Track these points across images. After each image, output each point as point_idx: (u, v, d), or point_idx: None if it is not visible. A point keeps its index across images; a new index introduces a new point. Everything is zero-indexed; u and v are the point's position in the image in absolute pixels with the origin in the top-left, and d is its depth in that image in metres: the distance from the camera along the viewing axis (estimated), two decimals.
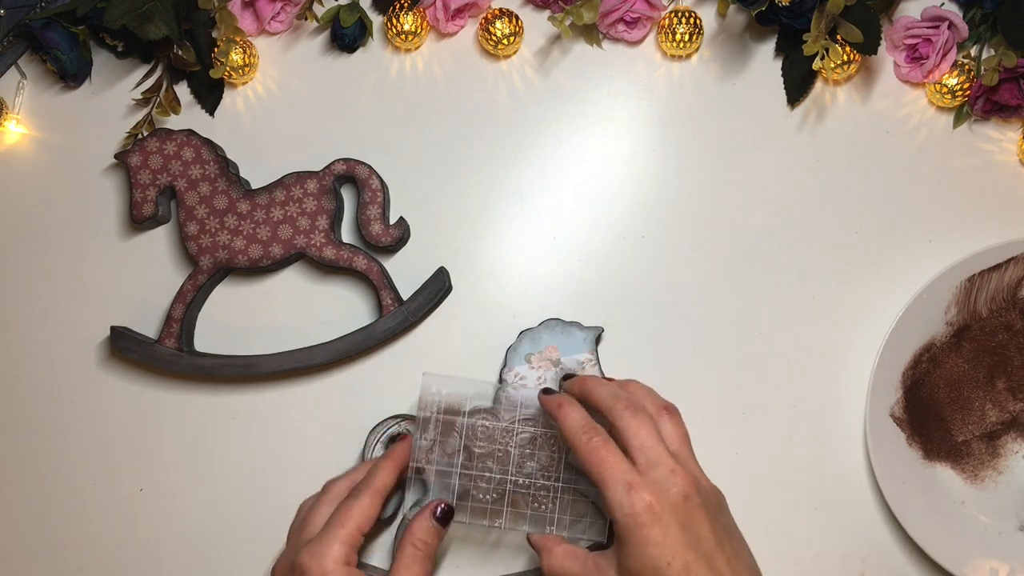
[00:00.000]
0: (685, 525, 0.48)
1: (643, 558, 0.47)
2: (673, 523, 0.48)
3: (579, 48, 0.64)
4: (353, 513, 0.52)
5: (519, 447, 0.57)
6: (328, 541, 0.51)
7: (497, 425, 0.57)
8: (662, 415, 0.53)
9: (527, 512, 0.57)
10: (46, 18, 0.63)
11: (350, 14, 0.63)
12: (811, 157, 0.63)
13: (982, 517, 0.61)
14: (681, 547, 0.47)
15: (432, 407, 0.57)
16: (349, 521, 0.52)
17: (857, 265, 0.62)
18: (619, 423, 0.51)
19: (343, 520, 0.52)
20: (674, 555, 0.47)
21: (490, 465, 0.57)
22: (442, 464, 0.57)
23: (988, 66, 0.59)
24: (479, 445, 0.57)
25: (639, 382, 0.55)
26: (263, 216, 0.62)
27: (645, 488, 0.48)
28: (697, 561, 0.47)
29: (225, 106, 0.65)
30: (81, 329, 0.64)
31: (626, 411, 0.51)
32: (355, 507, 0.53)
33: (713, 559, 0.48)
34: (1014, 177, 0.62)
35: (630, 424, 0.51)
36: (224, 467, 0.63)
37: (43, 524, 0.64)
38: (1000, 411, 0.61)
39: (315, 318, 0.63)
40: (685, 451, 0.52)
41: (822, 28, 0.58)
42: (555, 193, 0.64)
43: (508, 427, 0.57)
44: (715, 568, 0.48)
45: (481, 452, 0.57)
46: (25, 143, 0.66)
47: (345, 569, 0.51)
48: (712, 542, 0.48)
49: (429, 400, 0.57)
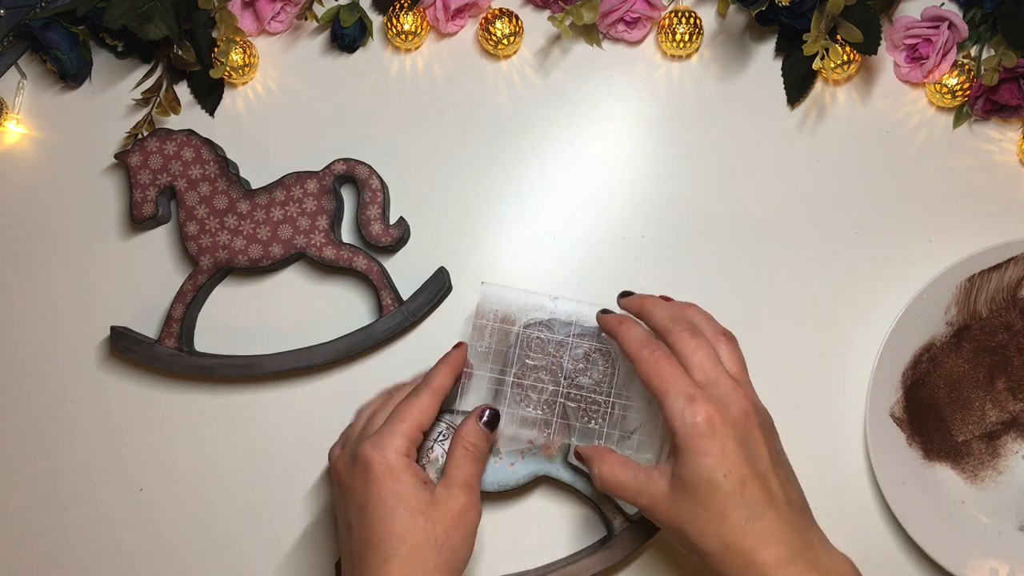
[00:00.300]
0: (743, 441, 0.49)
1: (699, 468, 0.48)
2: (731, 437, 0.48)
3: (579, 48, 0.64)
4: (413, 410, 0.54)
5: (573, 361, 0.58)
6: (390, 434, 0.52)
7: (552, 338, 0.58)
8: (720, 340, 0.53)
9: (576, 425, 0.58)
10: (46, 18, 0.63)
11: (350, 14, 0.63)
12: (811, 157, 0.63)
13: (982, 517, 0.61)
14: (739, 461, 0.48)
15: (489, 315, 0.58)
16: (409, 417, 0.53)
17: (857, 265, 0.62)
18: (678, 344, 0.52)
19: (403, 415, 0.53)
20: (731, 468, 0.48)
21: (543, 377, 0.58)
22: (495, 372, 0.58)
23: (988, 66, 0.59)
24: (533, 357, 0.58)
25: (697, 306, 0.56)
26: (263, 216, 0.62)
27: (706, 401, 0.49)
28: (753, 478, 0.48)
29: (225, 106, 0.65)
30: (81, 329, 0.64)
31: (685, 332, 0.52)
32: (415, 405, 0.54)
33: (767, 479, 0.48)
34: (1014, 177, 0.62)
35: (689, 344, 0.51)
36: (224, 467, 0.63)
37: (43, 524, 0.64)
38: (1000, 411, 0.61)
39: (315, 318, 0.64)
40: (743, 374, 0.53)
41: (822, 28, 0.58)
42: (555, 193, 0.64)
43: (563, 340, 0.58)
44: (769, 488, 0.48)
45: (534, 364, 0.58)
46: (25, 143, 0.66)
47: (405, 460, 0.52)
48: (767, 462, 0.49)
49: (487, 309, 0.58)
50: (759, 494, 0.48)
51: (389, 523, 0.50)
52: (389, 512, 0.50)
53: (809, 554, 0.48)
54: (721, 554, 0.48)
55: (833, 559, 0.48)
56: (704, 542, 0.48)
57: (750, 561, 0.47)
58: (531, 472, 0.59)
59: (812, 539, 0.49)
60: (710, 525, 0.48)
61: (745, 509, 0.47)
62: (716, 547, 0.48)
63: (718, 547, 0.48)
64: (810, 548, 0.48)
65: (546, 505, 0.62)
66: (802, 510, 0.50)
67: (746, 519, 0.47)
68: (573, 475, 0.59)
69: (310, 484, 0.63)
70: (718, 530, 0.48)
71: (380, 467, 0.51)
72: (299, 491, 0.63)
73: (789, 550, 0.47)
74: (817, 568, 0.47)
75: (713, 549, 0.48)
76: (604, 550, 0.59)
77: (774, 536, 0.47)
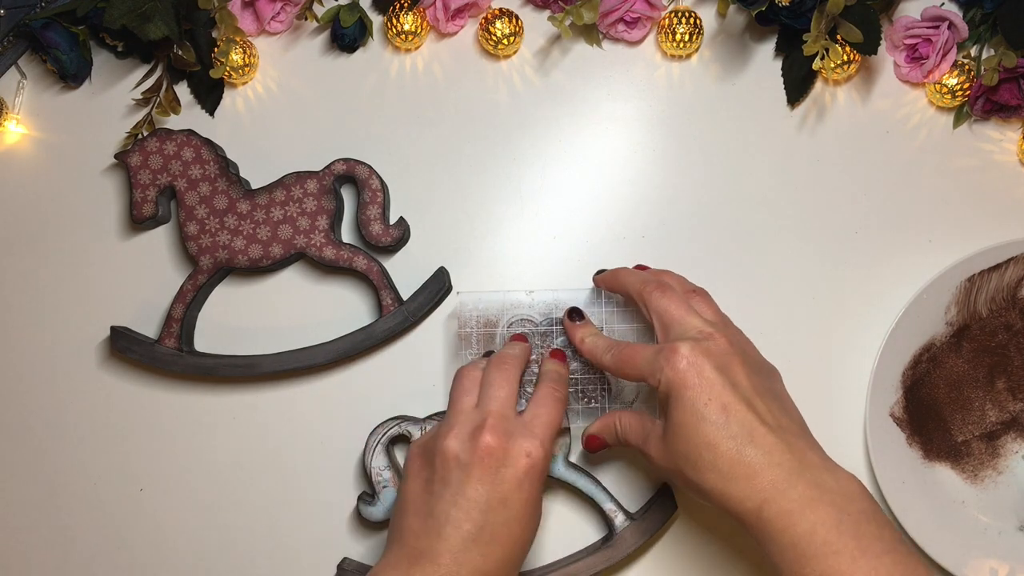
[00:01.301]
0: (722, 369, 0.49)
1: (682, 403, 0.48)
2: (708, 367, 0.48)
3: (579, 48, 0.64)
4: (558, 413, 0.54)
5: (560, 348, 0.59)
6: (548, 427, 0.52)
7: (536, 330, 0.59)
8: (692, 295, 0.54)
9: (578, 408, 0.59)
10: (46, 18, 0.63)
11: (350, 14, 0.63)
12: (811, 157, 0.63)
13: (982, 517, 0.61)
14: (718, 387, 0.48)
15: (471, 323, 0.59)
16: (554, 420, 0.53)
17: (857, 265, 0.62)
18: (651, 303, 0.53)
19: (551, 415, 0.53)
20: (711, 395, 0.48)
21: (535, 369, 0.58)
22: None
23: (988, 66, 0.59)
24: None
25: (671, 271, 0.57)
26: (263, 216, 0.62)
27: (679, 347, 0.49)
28: (737, 403, 0.47)
29: (225, 106, 0.65)
30: (81, 329, 0.64)
31: (655, 291, 0.53)
32: (559, 409, 0.54)
33: (753, 404, 0.48)
34: (1014, 177, 0.62)
35: (660, 302, 0.52)
36: (224, 467, 0.63)
37: (43, 524, 0.64)
38: (1000, 411, 0.61)
39: (315, 318, 0.63)
40: (720, 319, 0.53)
41: (822, 28, 0.58)
42: (555, 193, 0.64)
43: (547, 331, 0.59)
44: (755, 412, 0.48)
45: None
46: (25, 143, 0.66)
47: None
48: (750, 389, 0.48)
49: (467, 317, 0.59)
50: (744, 419, 0.47)
51: (521, 528, 0.49)
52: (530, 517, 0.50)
53: (809, 474, 0.46)
54: (720, 488, 0.47)
55: (837, 478, 0.46)
56: (702, 479, 0.47)
57: (748, 490, 0.46)
58: None
59: (812, 460, 0.47)
60: (703, 461, 0.47)
61: (732, 439, 0.47)
62: (715, 483, 0.47)
63: (716, 482, 0.47)
64: (809, 468, 0.46)
65: (546, 505, 0.62)
66: (798, 434, 0.48)
67: (736, 448, 0.47)
68: (573, 475, 0.59)
69: (310, 484, 0.63)
70: (712, 464, 0.47)
71: (541, 465, 0.50)
72: (299, 491, 0.63)
73: (786, 472, 0.46)
74: (819, 487, 0.45)
75: (711, 485, 0.47)
76: (605, 549, 0.59)
77: (768, 461, 0.46)
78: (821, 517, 0.44)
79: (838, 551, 0.44)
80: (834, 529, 0.44)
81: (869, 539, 0.44)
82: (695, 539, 0.61)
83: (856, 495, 0.46)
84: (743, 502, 0.46)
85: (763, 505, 0.46)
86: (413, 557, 0.48)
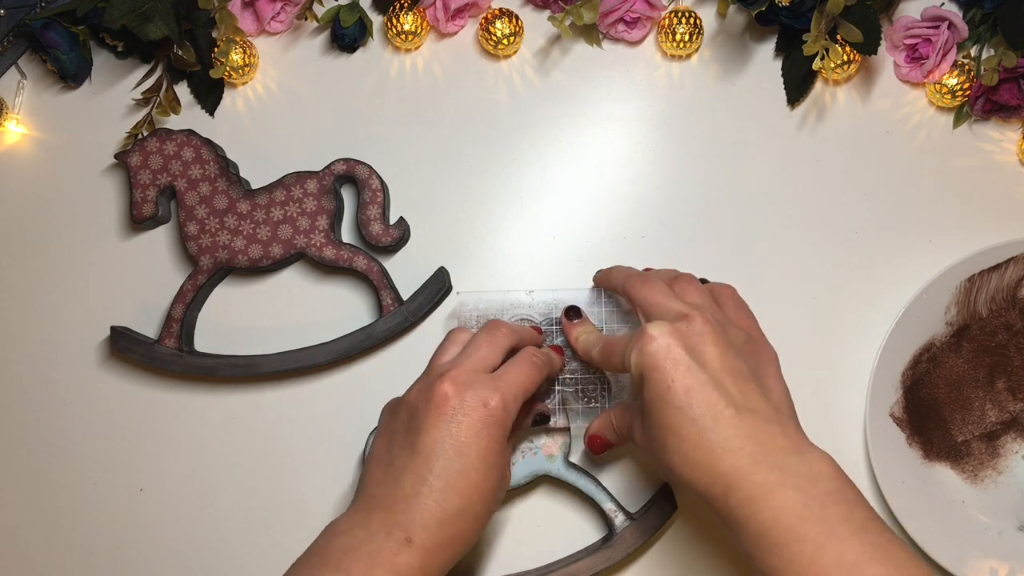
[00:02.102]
0: (691, 350, 0.47)
1: (650, 387, 0.47)
2: (678, 348, 0.47)
3: (579, 48, 0.64)
4: (533, 374, 0.54)
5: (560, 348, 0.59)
6: (515, 384, 0.52)
7: None
8: (675, 283, 0.53)
9: (579, 407, 0.59)
10: (46, 18, 0.63)
11: (350, 14, 0.63)
12: (811, 157, 0.63)
13: (982, 517, 0.61)
14: (682, 370, 0.46)
15: (471, 323, 0.59)
16: (530, 378, 0.53)
17: (857, 265, 0.62)
18: (632, 295, 0.52)
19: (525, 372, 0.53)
20: (675, 377, 0.46)
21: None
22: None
23: (988, 66, 0.59)
24: None
25: (668, 268, 0.57)
26: (263, 216, 0.62)
27: (648, 329, 0.48)
28: (700, 386, 0.46)
29: (225, 106, 0.65)
30: (81, 329, 0.64)
31: (636, 282, 0.52)
32: (533, 371, 0.54)
33: (720, 385, 0.46)
34: (1014, 177, 0.62)
35: (640, 292, 0.52)
36: (224, 467, 0.63)
37: (43, 524, 0.64)
38: (1000, 411, 0.61)
39: (315, 318, 0.64)
40: (704, 301, 0.51)
41: (822, 28, 0.58)
42: (555, 193, 0.64)
43: (546, 331, 0.59)
44: (722, 394, 0.46)
45: None
46: (25, 143, 0.66)
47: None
48: (720, 370, 0.46)
49: (467, 317, 0.59)
50: (708, 401, 0.45)
51: (479, 477, 0.49)
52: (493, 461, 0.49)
53: (773, 458, 0.44)
54: (687, 474, 0.45)
55: (805, 459, 0.44)
56: (670, 463, 0.46)
57: (712, 475, 0.44)
58: (531, 472, 0.59)
59: (779, 443, 0.45)
60: (668, 445, 0.46)
61: (693, 422, 0.45)
62: (680, 468, 0.46)
63: (683, 468, 0.46)
64: (775, 452, 0.44)
65: (546, 505, 0.62)
66: (770, 417, 0.46)
67: (698, 432, 0.45)
68: (574, 475, 0.59)
69: (310, 484, 0.63)
70: (676, 448, 0.46)
71: (499, 416, 0.49)
72: (299, 491, 0.63)
73: (749, 457, 0.44)
74: (783, 471, 0.43)
75: (679, 470, 0.46)
76: (605, 549, 0.59)
77: (729, 445, 0.44)
78: (785, 503, 0.43)
79: (802, 538, 0.42)
80: (798, 515, 0.42)
81: (835, 522, 0.42)
82: (695, 539, 0.61)
83: (822, 476, 0.44)
84: (709, 487, 0.45)
85: (727, 492, 0.44)
86: (372, 505, 0.49)
